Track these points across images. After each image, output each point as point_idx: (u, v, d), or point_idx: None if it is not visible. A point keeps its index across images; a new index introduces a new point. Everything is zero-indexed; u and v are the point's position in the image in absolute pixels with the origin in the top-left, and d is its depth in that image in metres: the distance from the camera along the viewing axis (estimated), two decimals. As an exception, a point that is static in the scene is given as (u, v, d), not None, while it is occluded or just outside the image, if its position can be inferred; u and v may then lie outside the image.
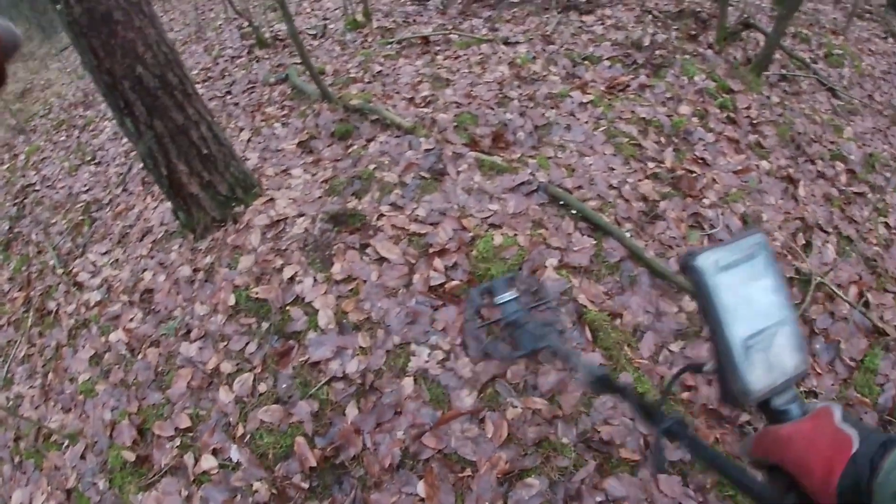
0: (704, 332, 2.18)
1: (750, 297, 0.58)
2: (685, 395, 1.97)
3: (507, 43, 4.00)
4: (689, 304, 2.21)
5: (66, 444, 2.32)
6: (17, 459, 2.47)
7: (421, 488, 1.76)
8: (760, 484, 0.57)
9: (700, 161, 2.97)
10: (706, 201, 2.70)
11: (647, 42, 3.83)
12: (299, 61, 3.87)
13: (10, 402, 2.74)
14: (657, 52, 3.73)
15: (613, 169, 2.77)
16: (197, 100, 2.52)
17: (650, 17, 4.31)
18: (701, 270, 0.57)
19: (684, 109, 3.27)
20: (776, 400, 0.57)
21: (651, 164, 2.84)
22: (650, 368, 2.00)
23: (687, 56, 3.76)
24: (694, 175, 2.83)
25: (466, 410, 1.89)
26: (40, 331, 2.95)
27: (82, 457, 2.25)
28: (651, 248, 2.42)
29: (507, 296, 2.05)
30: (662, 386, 1.97)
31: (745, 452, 0.58)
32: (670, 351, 2.08)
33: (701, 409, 1.95)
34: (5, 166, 5.47)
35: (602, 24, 4.23)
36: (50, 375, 2.67)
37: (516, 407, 1.88)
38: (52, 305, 3.01)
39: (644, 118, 3.13)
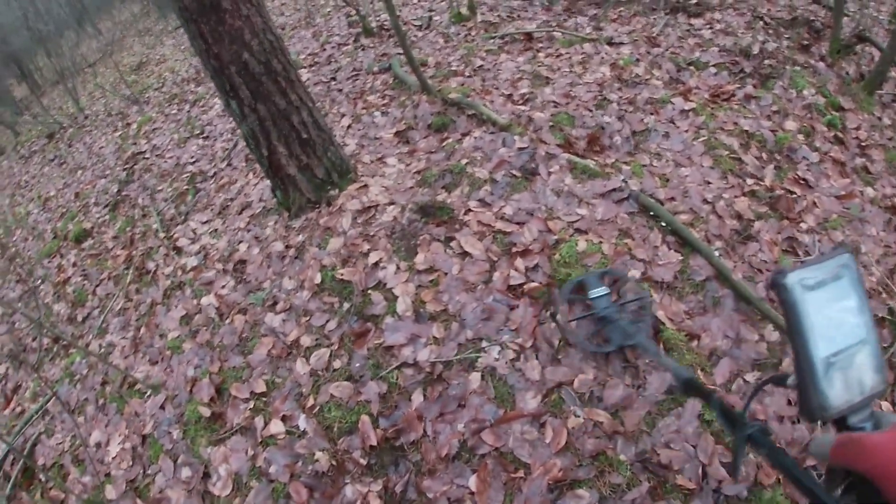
0: (788, 351, 2.22)
1: (834, 317, 0.65)
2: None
3: (610, 43, 4.16)
4: (772, 334, 2.25)
5: (148, 393, 2.73)
6: (100, 402, 2.92)
7: (473, 482, 1.94)
8: (834, 499, 0.64)
9: (801, 182, 2.97)
10: (804, 225, 2.71)
11: (756, 50, 3.85)
12: (402, 52, 4.21)
13: (102, 350, 3.23)
14: (766, 62, 3.75)
15: (709, 182, 2.84)
16: (299, 86, 2.86)
17: (761, 23, 4.31)
18: (790, 289, 0.64)
19: (790, 125, 3.27)
20: (853, 417, 0.65)
21: (749, 181, 2.89)
22: (722, 396, 2.07)
23: (797, 68, 3.75)
24: (793, 196, 2.85)
25: (529, 413, 2.05)
26: (138, 288, 3.46)
27: (162, 407, 2.63)
28: (739, 271, 2.47)
29: (600, 291, 2.22)
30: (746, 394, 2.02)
31: (819, 456, 0.64)
32: (745, 381, 2.13)
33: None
34: (118, 133, 6.31)
35: (711, 28, 4.29)
36: (142, 329, 3.14)
37: (579, 416, 2.02)
38: (151, 266, 3.52)
39: (747, 131, 3.18)
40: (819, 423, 2.00)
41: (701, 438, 1.96)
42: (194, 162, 4.56)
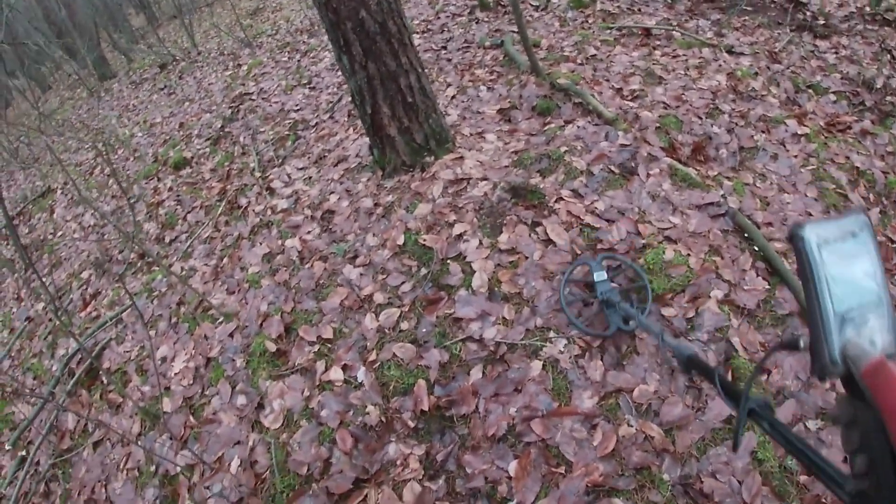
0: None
1: (849, 274, 0.66)
2: (803, 479, 1.96)
3: (730, 52, 4.07)
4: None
5: (220, 320, 2.95)
6: (173, 320, 3.17)
7: (513, 467, 1.99)
8: (837, 469, 0.67)
9: None
10: None
11: (879, 84, 3.70)
12: (516, 30, 4.27)
13: (184, 272, 3.50)
14: (888, 98, 3.60)
15: (811, 214, 2.77)
16: (411, 50, 2.97)
17: (889, 56, 4.09)
18: (807, 240, 0.66)
19: None
20: None
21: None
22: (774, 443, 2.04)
23: None
24: (894, 245, 2.75)
25: (582, 411, 2.09)
26: (227, 220, 3.72)
27: (231, 335, 2.84)
28: None
29: (602, 275, 2.27)
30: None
31: (852, 360, 0.64)
32: (807, 427, 2.06)
33: (814, 498, 1.92)
34: (228, 73, 6.70)
35: (836, 52, 4.14)
36: (224, 260, 3.38)
37: (631, 426, 2.04)
38: (243, 202, 3.78)
39: (857, 168, 3.08)
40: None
41: (749, 476, 1.93)
42: (298, 110, 4.82)
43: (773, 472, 1.97)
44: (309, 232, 3.16)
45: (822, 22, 4.51)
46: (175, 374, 2.81)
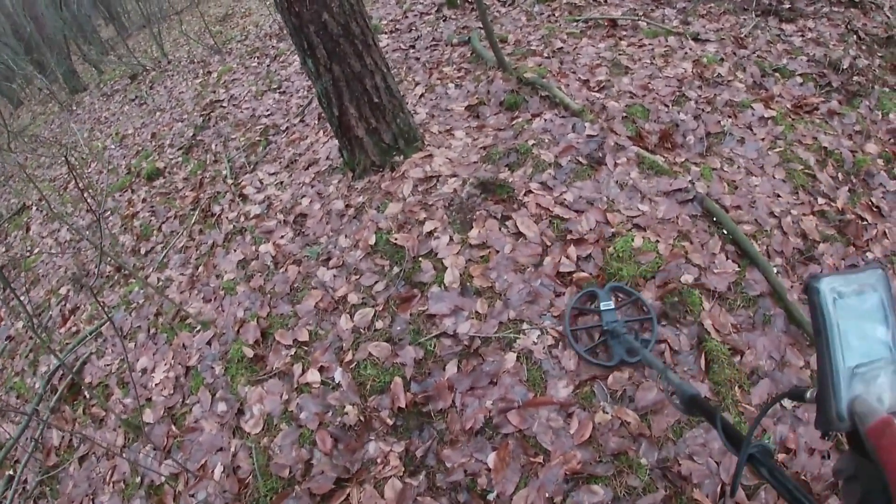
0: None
1: (862, 330, 0.68)
2: (781, 456, 2.03)
3: (696, 39, 4.14)
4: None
5: (198, 328, 2.96)
6: (152, 331, 3.17)
7: (492, 459, 2.02)
8: None
9: (875, 209, 2.92)
10: (870, 255, 2.67)
11: (846, 65, 3.76)
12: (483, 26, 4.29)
13: (160, 283, 3.50)
14: (855, 78, 3.66)
15: (779, 196, 2.82)
16: (375, 50, 2.99)
17: (855, 37, 4.17)
18: (822, 294, 0.67)
19: (871, 148, 3.21)
20: None
21: (821, 200, 2.86)
22: (754, 416, 2.08)
23: (886, 89, 3.65)
24: (864, 223, 2.80)
25: (558, 401, 2.12)
26: (201, 229, 3.72)
27: (208, 343, 2.85)
28: (795, 292, 2.46)
29: (609, 304, 2.27)
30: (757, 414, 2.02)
31: (859, 417, 0.65)
32: (782, 406, 2.12)
33: (793, 475, 1.99)
34: (198, 81, 6.68)
35: (802, 35, 4.21)
36: (200, 268, 3.38)
37: (607, 413, 2.08)
38: (216, 209, 3.78)
39: (825, 148, 3.14)
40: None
41: (726, 457, 1.97)
42: (269, 115, 4.82)
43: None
44: (282, 236, 3.17)
45: (787, 6, 4.58)
46: (156, 384, 2.82)
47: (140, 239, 4.13)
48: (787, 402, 2.16)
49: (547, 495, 1.95)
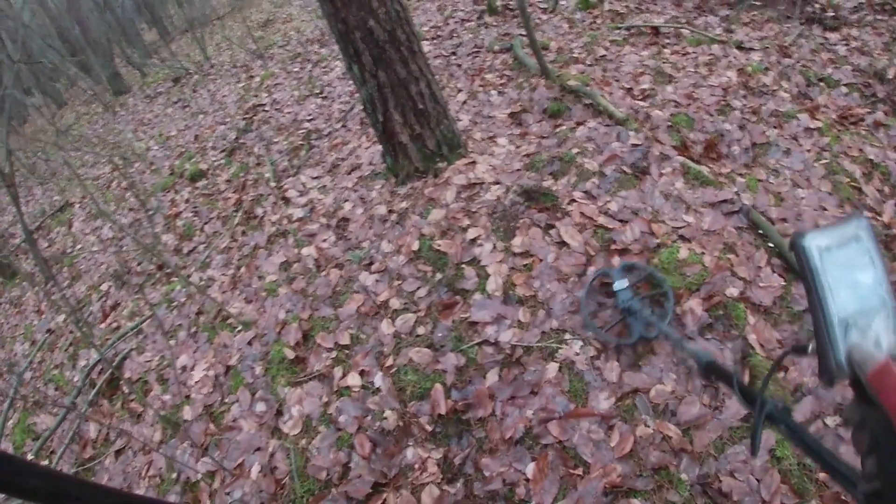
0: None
1: (851, 279, 0.68)
2: (822, 475, 1.95)
3: (740, 47, 4.08)
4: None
5: (239, 328, 3.00)
6: (193, 330, 3.22)
7: (531, 469, 2.01)
8: (852, 469, 0.69)
9: None
10: None
11: (891, 74, 3.67)
12: (525, 33, 4.29)
13: (202, 282, 3.57)
14: None
15: (825, 209, 2.76)
16: (420, 57, 3.01)
17: None
18: (807, 249, 0.68)
19: None
20: None
21: (867, 214, 2.77)
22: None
23: None
24: None
25: (599, 413, 2.10)
26: (244, 230, 3.79)
27: (249, 343, 2.89)
28: None
29: (623, 283, 2.29)
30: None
31: (858, 365, 0.65)
32: (825, 424, 2.07)
33: (833, 496, 1.92)
34: (241, 85, 6.81)
35: (846, 44, 4.12)
36: (242, 269, 3.44)
37: (649, 426, 2.05)
38: (259, 212, 3.85)
39: (871, 160, 3.08)
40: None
41: (767, 474, 1.93)
42: (311, 119, 4.90)
43: (792, 470, 1.97)
44: (325, 240, 3.21)
45: (831, 14, 4.50)
46: (195, 382, 2.86)
47: (182, 239, 4.22)
48: (831, 421, 2.11)
49: (586, 508, 1.93)
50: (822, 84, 3.73)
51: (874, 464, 0.62)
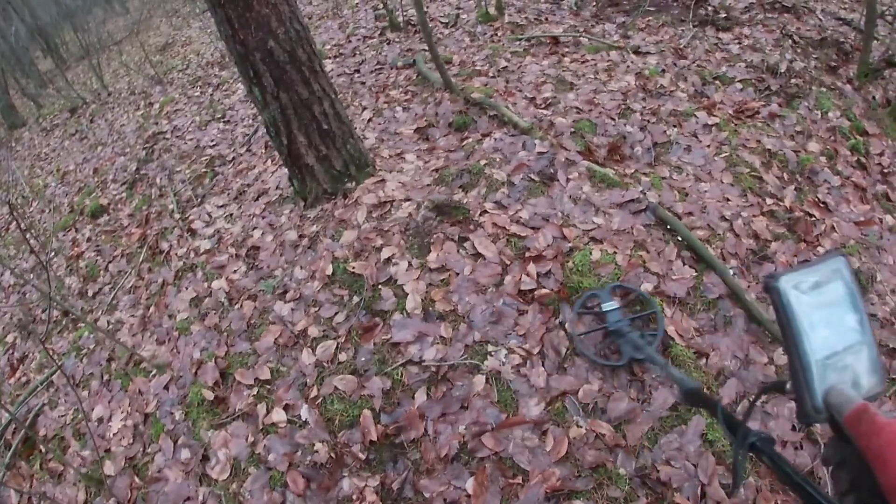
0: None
1: (829, 319, 0.66)
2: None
3: (637, 52, 4.16)
4: (781, 358, 2.24)
5: (153, 372, 2.76)
6: (105, 378, 2.95)
7: (470, 485, 1.94)
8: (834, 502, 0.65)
9: (821, 205, 2.96)
10: (820, 249, 2.71)
11: (783, 68, 3.84)
12: (427, 48, 4.21)
13: (111, 326, 3.27)
14: (792, 81, 3.74)
15: (729, 200, 2.83)
16: (323, 77, 2.87)
17: (790, 42, 4.29)
18: (782, 292, 0.65)
19: (813, 146, 3.27)
20: None
21: (769, 201, 2.88)
22: (725, 406, 2.06)
23: (823, 89, 3.73)
24: (812, 219, 2.84)
25: (531, 419, 2.05)
26: (150, 267, 3.50)
27: (166, 387, 2.66)
28: (753, 291, 2.46)
29: (611, 304, 2.23)
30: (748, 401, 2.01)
31: (835, 409, 0.63)
32: (749, 402, 2.12)
33: (768, 470, 1.97)
34: (140, 112, 6.37)
35: (739, 43, 4.28)
36: (151, 309, 3.17)
37: (581, 427, 2.02)
38: (164, 246, 3.56)
39: (769, 150, 3.17)
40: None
41: (702, 458, 1.95)
42: (214, 145, 4.60)
43: (726, 451, 1.99)
44: (235, 271, 3.00)
45: (723, 15, 4.67)
46: (114, 434, 2.63)
47: (87, 280, 3.86)
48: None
49: (529, 516, 1.87)
50: (717, 82, 3.84)
51: (853, 503, 0.60)
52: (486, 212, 2.70)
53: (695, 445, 1.98)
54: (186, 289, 3.09)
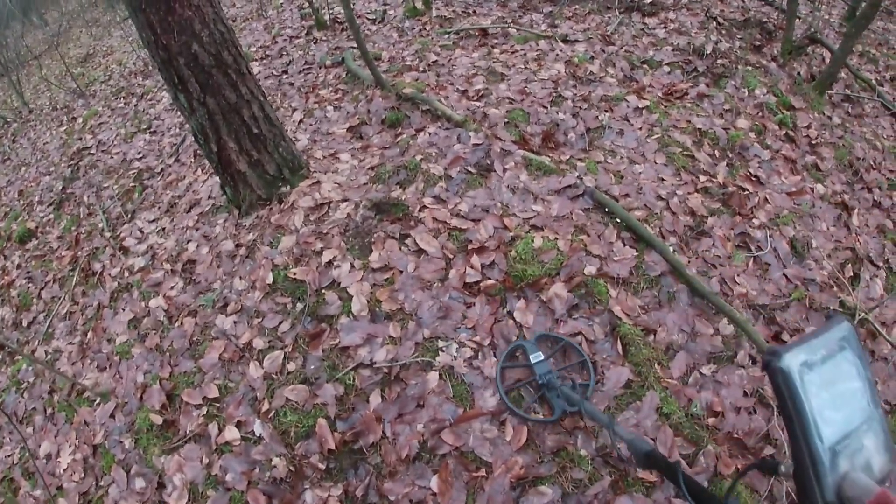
0: (744, 345, 2.20)
1: (837, 397, 0.57)
2: (711, 420, 2.00)
3: (565, 41, 4.09)
4: (726, 328, 2.24)
5: (97, 401, 2.55)
6: (49, 411, 2.71)
7: (434, 483, 1.86)
8: None
9: (753, 179, 2.98)
10: (756, 221, 2.72)
11: (709, 49, 3.86)
12: (356, 46, 4.03)
13: (49, 356, 3.00)
14: (719, 61, 3.76)
15: (663, 179, 2.81)
16: (250, 79, 2.67)
17: (714, 24, 4.33)
18: (787, 372, 0.56)
19: (742, 123, 3.28)
20: None
21: (702, 178, 2.87)
22: (678, 389, 2.04)
23: (749, 67, 3.77)
24: (745, 193, 2.85)
25: (488, 411, 1.98)
26: (84, 290, 3.22)
27: (112, 415, 2.45)
28: (693, 266, 2.45)
29: (539, 356, 2.04)
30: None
31: (854, 499, 0.55)
32: (701, 374, 2.12)
33: (726, 436, 1.98)
34: (63, 128, 5.90)
35: (665, 27, 4.28)
36: (89, 334, 2.92)
37: (538, 413, 1.97)
38: (97, 267, 3.27)
39: (700, 129, 3.17)
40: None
41: (660, 431, 1.93)
42: (141, 158, 4.27)
43: (682, 423, 1.97)
44: (172, 287, 2.78)
45: (648, 1, 4.64)
46: (64, 470, 2.43)
47: (20, 310, 3.53)
48: (706, 370, 2.12)
49: (496, 507, 1.80)
50: (645, 66, 3.80)
51: None
52: (425, 207, 2.59)
53: (651, 420, 1.95)
54: (123, 310, 2.85)
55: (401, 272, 2.34)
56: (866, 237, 2.92)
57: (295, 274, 2.44)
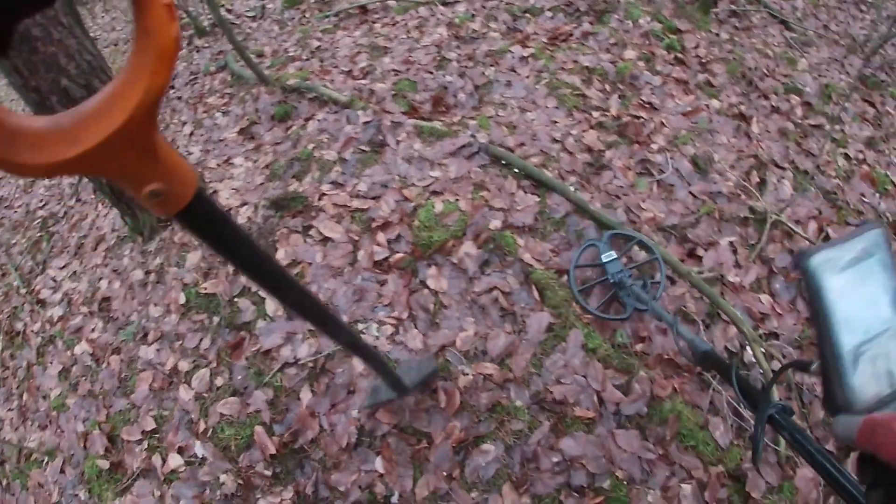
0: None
1: (864, 301, 0.56)
2: (639, 347, 1.97)
3: (445, 4, 3.89)
4: (639, 254, 2.19)
5: (45, 460, 2.37)
6: (4, 482, 2.53)
7: (379, 464, 1.80)
8: (856, 484, 0.58)
9: (647, 106, 2.91)
10: (654, 146, 2.66)
11: None
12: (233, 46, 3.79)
13: (-8, 427, 2.80)
14: None
15: (556, 122, 2.71)
16: (128, 104, 2.46)
17: None
18: (815, 272, 0.55)
19: (629, 54, 3.18)
20: (883, 410, 0.55)
21: (595, 114, 2.79)
22: (600, 324, 2.00)
23: (631, 0, 3.67)
24: (641, 121, 2.77)
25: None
26: (11, 353, 2.99)
27: (61, 471, 2.29)
28: (597, 200, 2.39)
29: (610, 255, 2.01)
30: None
31: (844, 438, 0.55)
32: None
33: (656, 359, 1.96)
34: (-34, 191, 5.46)
35: None
36: (25, 395, 2.71)
37: (467, 374, 1.90)
38: (19, 326, 3.04)
39: (587, 67, 3.06)
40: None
41: (589, 367, 1.89)
42: (44, 205, 3.95)
43: (610, 355, 1.93)
44: (92, 329, 2.59)
45: None
46: (30, 537, 2.24)
47: (-46, 386, 3.28)
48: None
49: (445, 474, 1.77)
50: (527, 15, 3.62)
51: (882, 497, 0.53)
52: (324, 195, 2.44)
53: (579, 358, 1.91)
54: (51, 363, 2.64)
55: (310, 264, 2.22)
56: (768, 142, 2.89)
57: (206, 288, 2.29)
